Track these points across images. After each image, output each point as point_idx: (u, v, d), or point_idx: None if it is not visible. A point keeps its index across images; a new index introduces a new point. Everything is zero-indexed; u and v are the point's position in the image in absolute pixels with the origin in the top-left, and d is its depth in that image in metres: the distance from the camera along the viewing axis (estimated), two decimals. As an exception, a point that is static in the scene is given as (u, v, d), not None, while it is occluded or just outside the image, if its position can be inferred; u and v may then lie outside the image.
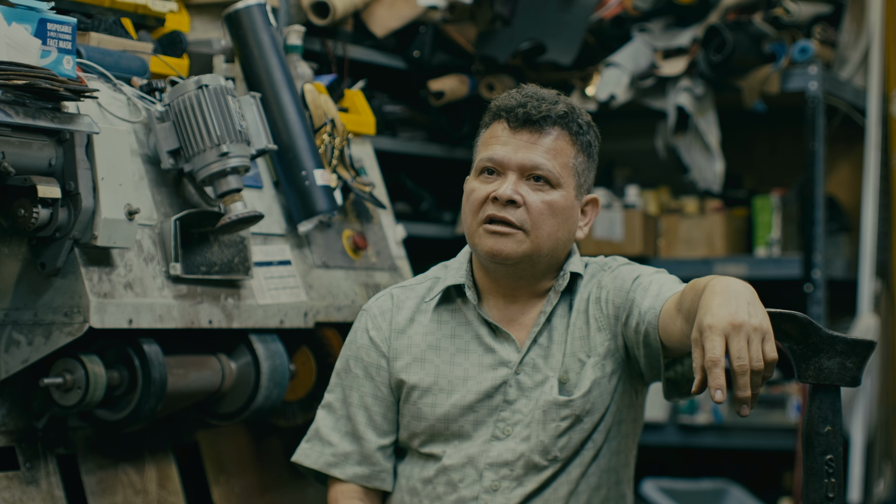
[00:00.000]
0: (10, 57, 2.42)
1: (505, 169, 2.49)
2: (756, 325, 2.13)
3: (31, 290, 2.61)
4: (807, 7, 4.74)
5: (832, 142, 4.99)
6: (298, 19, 3.84)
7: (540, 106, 2.49)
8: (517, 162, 2.48)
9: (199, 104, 2.78)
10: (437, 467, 2.55)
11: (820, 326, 2.24)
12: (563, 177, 2.50)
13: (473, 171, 2.54)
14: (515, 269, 2.51)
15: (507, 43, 4.67)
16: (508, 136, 2.50)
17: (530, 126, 2.49)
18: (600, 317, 2.53)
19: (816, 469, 2.20)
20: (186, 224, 2.80)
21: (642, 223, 4.82)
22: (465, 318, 2.58)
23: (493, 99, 2.58)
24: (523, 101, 2.50)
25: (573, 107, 2.53)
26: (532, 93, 2.52)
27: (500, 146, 2.50)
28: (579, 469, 2.52)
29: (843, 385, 2.22)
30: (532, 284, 2.55)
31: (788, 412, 4.73)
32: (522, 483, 2.51)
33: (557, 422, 2.50)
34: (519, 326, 2.56)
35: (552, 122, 2.49)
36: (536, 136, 2.49)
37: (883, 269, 5.04)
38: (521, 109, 2.48)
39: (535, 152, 2.48)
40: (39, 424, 2.73)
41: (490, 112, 2.55)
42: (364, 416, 2.59)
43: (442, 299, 2.60)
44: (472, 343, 2.56)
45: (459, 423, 2.53)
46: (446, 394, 2.54)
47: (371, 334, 2.61)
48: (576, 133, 2.52)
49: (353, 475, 2.60)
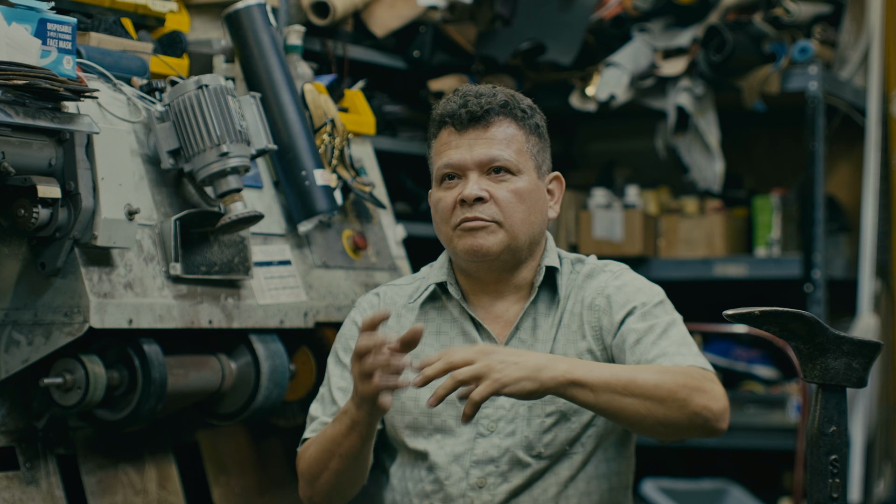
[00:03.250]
0: (10, 57, 2.42)
1: (464, 170, 2.51)
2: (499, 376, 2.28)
3: (31, 290, 2.61)
4: (807, 7, 4.74)
5: (832, 142, 4.99)
6: (298, 19, 3.84)
7: (480, 101, 2.52)
8: (474, 160, 2.51)
9: (199, 104, 2.78)
10: (426, 466, 2.56)
11: (827, 326, 2.24)
12: (521, 162, 2.52)
13: (435, 181, 2.57)
14: (498, 262, 2.53)
15: (507, 43, 4.67)
16: (458, 138, 2.52)
17: (476, 122, 2.51)
18: (596, 325, 2.55)
19: (821, 469, 2.20)
20: (186, 224, 2.80)
21: (642, 223, 4.82)
22: (451, 314, 2.60)
23: (432, 111, 2.60)
24: (463, 101, 2.53)
25: (512, 94, 2.57)
26: (468, 91, 2.55)
27: (453, 150, 2.52)
28: (569, 472, 2.52)
29: (849, 386, 2.22)
30: (514, 277, 2.57)
31: (788, 412, 4.73)
32: (508, 479, 2.51)
33: (542, 418, 2.51)
34: (504, 323, 2.58)
35: (496, 112, 2.52)
36: (484, 129, 2.51)
37: (883, 269, 5.04)
38: (464, 109, 2.51)
39: (489, 145, 2.51)
40: (39, 424, 2.73)
41: (434, 122, 2.58)
42: (343, 398, 2.60)
43: (428, 298, 2.62)
44: (456, 339, 2.58)
45: (442, 417, 2.55)
46: (429, 387, 2.55)
47: (358, 323, 2.64)
48: (521, 118, 2.55)
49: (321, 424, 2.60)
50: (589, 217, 4.88)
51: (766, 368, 4.92)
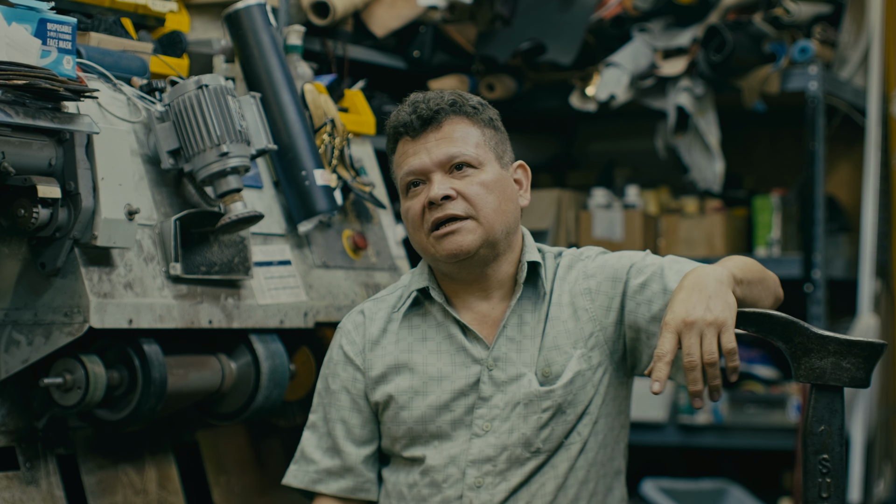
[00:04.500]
0: (10, 57, 2.42)
1: (427, 173, 2.52)
2: (711, 319, 2.29)
3: (31, 290, 2.61)
4: (807, 7, 4.74)
5: (832, 142, 4.99)
6: (298, 19, 3.84)
7: (429, 103, 2.53)
8: (434, 161, 2.51)
9: (199, 104, 2.78)
10: (421, 470, 2.55)
11: (806, 326, 2.25)
12: (482, 155, 2.53)
13: (401, 194, 2.57)
14: (477, 258, 2.52)
15: (507, 43, 4.67)
16: (415, 145, 2.53)
17: (428, 125, 2.52)
18: (591, 307, 2.54)
19: (810, 468, 2.21)
20: (186, 224, 2.80)
21: (642, 223, 4.83)
22: (436, 319, 2.59)
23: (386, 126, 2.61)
24: (412, 108, 2.54)
25: (460, 93, 2.58)
26: (416, 98, 2.57)
27: (412, 157, 2.52)
28: (567, 463, 2.52)
29: (841, 385, 2.22)
30: (496, 272, 2.56)
31: (788, 412, 4.74)
32: (506, 477, 2.51)
33: (539, 413, 2.51)
34: (491, 322, 2.57)
35: (446, 112, 2.52)
36: (438, 130, 2.52)
37: (883, 269, 5.04)
38: (414, 116, 2.52)
39: (446, 144, 2.51)
40: (39, 424, 2.73)
41: (390, 137, 2.58)
42: (342, 430, 2.61)
43: (411, 305, 2.61)
44: (444, 343, 2.57)
45: (437, 424, 2.54)
46: (422, 396, 2.55)
47: (345, 349, 2.63)
48: (472, 114, 2.55)
49: (338, 489, 2.61)
50: (589, 217, 4.88)
51: (766, 368, 4.92)
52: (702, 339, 2.27)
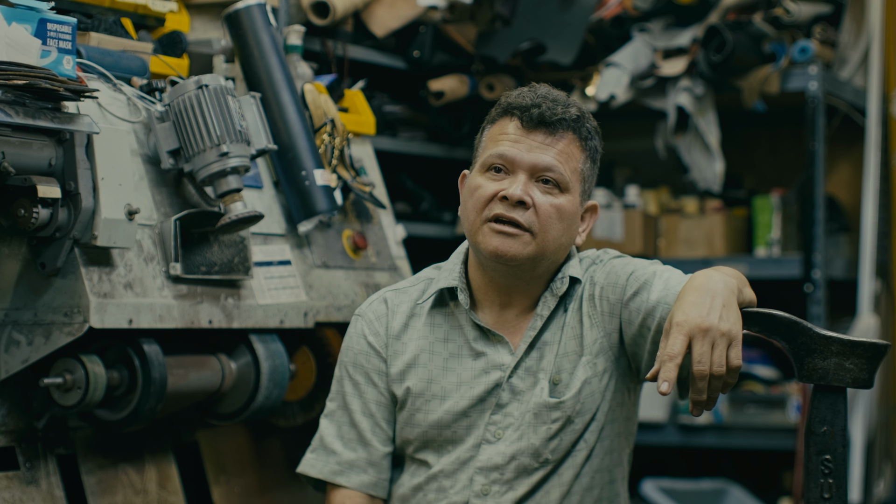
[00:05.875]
0: (10, 57, 2.42)
1: (515, 168, 2.45)
2: (724, 330, 2.22)
3: (31, 290, 2.61)
4: (807, 7, 4.74)
5: (832, 142, 4.99)
6: (298, 19, 3.84)
7: (555, 108, 2.45)
8: (529, 162, 2.45)
9: (199, 104, 2.78)
10: (428, 474, 2.54)
11: (809, 326, 2.24)
12: (572, 181, 2.47)
13: (479, 166, 2.50)
14: (517, 269, 2.48)
15: (507, 43, 4.67)
16: (520, 134, 2.46)
17: (544, 127, 2.45)
18: (594, 314, 2.52)
19: (812, 469, 2.21)
20: (186, 224, 2.80)
21: (642, 223, 4.83)
22: (458, 321, 2.55)
23: (500, 97, 2.54)
24: (537, 101, 2.46)
25: (583, 111, 2.51)
26: (545, 93, 2.49)
27: (511, 144, 2.46)
28: (572, 471, 2.50)
29: (844, 386, 2.22)
30: (528, 285, 2.52)
31: (788, 412, 4.73)
32: (513, 487, 2.49)
33: (549, 424, 2.49)
34: (513, 329, 2.53)
35: (566, 125, 2.46)
36: (550, 138, 2.45)
37: (883, 269, 5.04)
38: (536, 110, 2.45)
39: (548, 154, 2.45)
40: (39, 424, 2.73)
41: (500, 107, 2.50)
42: (369, 423, 2.57)
43: (435, 302, 2.57)
44: (464, 347, 2.54)
45: (452, 429, 2.52)
46: (439, 400, 2.52)
47: (369, 339, 2.58)
48: (585, 138, 2.49)
49: (360, 483, 2.57)
50: (589, 217, 4.87)
51: (766, 368, 4.92)
52: (713, 350, 2.21)
